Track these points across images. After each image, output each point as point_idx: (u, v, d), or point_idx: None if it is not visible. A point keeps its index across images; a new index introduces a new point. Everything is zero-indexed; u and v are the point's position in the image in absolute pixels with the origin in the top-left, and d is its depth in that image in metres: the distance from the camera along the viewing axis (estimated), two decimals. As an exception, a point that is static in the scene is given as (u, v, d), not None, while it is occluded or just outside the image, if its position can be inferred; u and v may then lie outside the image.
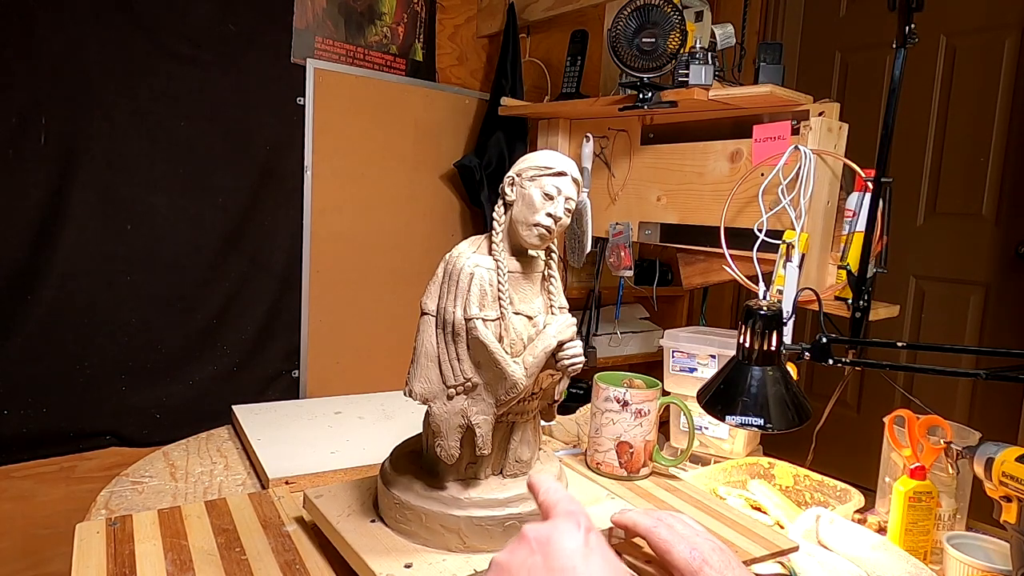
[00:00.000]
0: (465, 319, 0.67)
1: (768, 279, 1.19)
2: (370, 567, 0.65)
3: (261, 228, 1.70)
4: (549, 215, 0.70)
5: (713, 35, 1.47)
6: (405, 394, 0.70)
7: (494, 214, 0.73)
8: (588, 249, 1.54)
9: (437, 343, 0.69)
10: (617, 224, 1.53)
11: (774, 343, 0.87)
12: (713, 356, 1.28)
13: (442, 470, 0.72)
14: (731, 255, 1.27)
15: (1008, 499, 0.77)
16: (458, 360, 0.68)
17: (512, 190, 0.72)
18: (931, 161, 2.02)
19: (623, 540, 0.73)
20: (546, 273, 0.75)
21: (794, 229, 1.18)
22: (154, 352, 1.58)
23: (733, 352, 0.91)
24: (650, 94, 1.30)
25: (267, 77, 1.66)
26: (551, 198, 0.71)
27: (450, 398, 0.68)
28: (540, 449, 0.79)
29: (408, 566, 0.66)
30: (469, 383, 0.68)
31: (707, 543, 0.61)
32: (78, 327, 1.48)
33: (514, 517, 0.69)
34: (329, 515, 0.75)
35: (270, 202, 1.71)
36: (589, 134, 1.61)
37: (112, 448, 1.56)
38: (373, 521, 0.74)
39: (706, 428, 1.27)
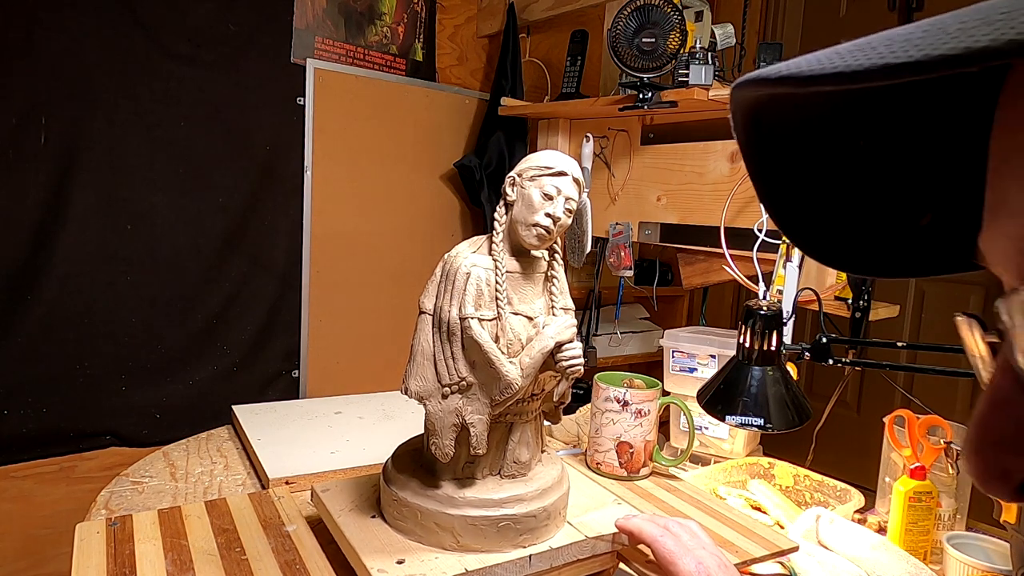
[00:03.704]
0: (460, 318, 0.67)
1: (768, 279, 1.19)
2: (363, 561, 0.66)
3: (261, 228, 1.70)
4: (548, 215, 0.70)
5: (713, 35, 1.47)
6: (401, 391, 0.70)
7: (495, 214, 0.73)
8: (588, 249, 1.54)
9: (433, 342, 0.69)
10: (617, 224, 1.53)
11: (774, 343, 0.87)
12: (713, 356, 1.28)
13: (439, 469, 0.72)
14: (731, 255, 1.27)
15: (1008, 499, 0.77)
16: (453, 359, 0.68)
17: (513, 190, 0.72)
18: (931, 161, 2.02)
19: (626, 546, 0.73)
20: (549, 274, 0.75)
21: (794, 229, 1.17)
22: (154, 352, 1.58)
23: (733, 352, 0.91)
24: (650, 94, 1.30)
25: (267, 77, 1.66)
26: (550, 198, 0.70)
27: (445, 397, 0.68)
28: (543, 451, 0.79)
29: (400, 562, 0.66)
30: (464, 382, 0.68)
31: (713, 558, 0.61)
32: (78, 327, 1.48)
33: (508, 518, 0.69)
34: (332, 509, 0.75)
35: (270, 202, 1.71)
36: (589, 134, 1.61)
37: (112, 448, 1.56)
38: (373, 517, 0.74)
39: (706, 428, 1.27)
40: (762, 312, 0.87)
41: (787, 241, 1.16)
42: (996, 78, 0.22)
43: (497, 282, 0.69)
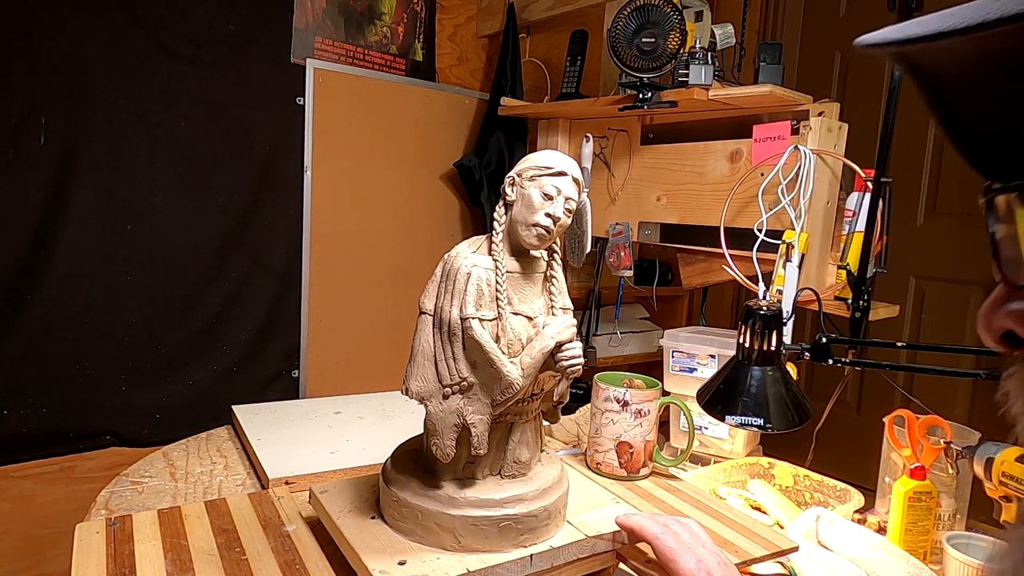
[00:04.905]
0: (461, 319, 0.67)
1: (768, 279, 1.19)
2: (364, 563, 0.66)
3: (261, 228, 1.70)
4: (548, 215, 0.70)
5: (713, 35, 1.47)
6: (402, 392, 0.70)
7: (495, 214, 0.73)
8: (588, 249, 1.53)
9: (434, 342, 0.69)
10: (617, 224, 1.53)
11: (774, 343, 0.87)
12: (713, 356, 1.28)
13: (440, 469, 0.72)
14: (731, 255, 1.27)
15: (1008, 499, 0.77)
16: (454, 359, 0.68)
17: (512, 190, 0.72)
18: (931, 161, 2.02)
19: (626, 544, 0.73)
20: (548, 274, 0.75)
21: (794, 229, 1.18)
22: (154, 352, 1.58)
23: (733, 352, 0.91)
24: (650, 94, 1.30)
25: (267, 77, 1.66)
26: (550, 198, 0.70)
27: (446, 397, 0.68)
28: (542, 451, 0.79)
29: (402, 563, 0.66)
30: (465, 383, 0.68)
31: (712, 556, 0.61)
32: (78, 327, 1.48)
33: (510, 518, 0.69)
34: (331, 510, 0.75)
35: (270, 202, 1.71)
36: (589, 134, 1.61)
37: (112, 448, 1.56)
38: (373, 518, 0.74)
39: (706, 428, 1.27)
40: (762, 312, 0.87)
41: (787, 241, 1.17)
42: None
43: (497, 282, 0.69)
